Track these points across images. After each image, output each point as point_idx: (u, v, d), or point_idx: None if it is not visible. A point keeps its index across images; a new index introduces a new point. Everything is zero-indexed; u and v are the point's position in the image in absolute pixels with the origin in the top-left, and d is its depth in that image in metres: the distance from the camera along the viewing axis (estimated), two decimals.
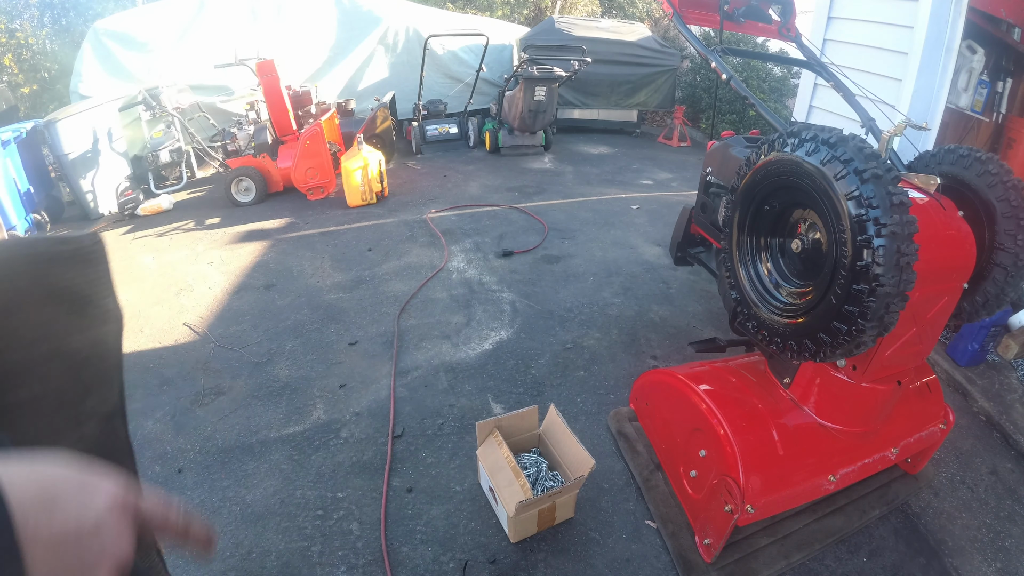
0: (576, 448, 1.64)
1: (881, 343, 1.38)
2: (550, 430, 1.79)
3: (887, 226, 1.10)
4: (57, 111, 4.20)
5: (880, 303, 1.13)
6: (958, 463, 2.04)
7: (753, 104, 1.79)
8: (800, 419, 1.60)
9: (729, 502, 1.42)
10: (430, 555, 1.60)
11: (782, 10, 2.30)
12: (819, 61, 2.16)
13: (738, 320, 1.63)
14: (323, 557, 1.58)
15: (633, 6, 10.17)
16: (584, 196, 4.67)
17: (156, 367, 2.42)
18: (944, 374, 2.50)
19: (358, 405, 2.15)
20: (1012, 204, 1.44)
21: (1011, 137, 3.50)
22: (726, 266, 1.59)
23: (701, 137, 7.12)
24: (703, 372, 1.78)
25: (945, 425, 1.75)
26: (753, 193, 1.46)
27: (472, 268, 3.30)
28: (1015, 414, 2.24)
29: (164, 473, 1.87)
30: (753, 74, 6.93)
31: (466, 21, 6.75)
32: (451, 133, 5.81)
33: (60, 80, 6.06)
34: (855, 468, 1.58)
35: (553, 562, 1.59)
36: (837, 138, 1.21)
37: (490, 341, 2.58)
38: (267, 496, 1.77)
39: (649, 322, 2.80)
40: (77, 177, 4.14)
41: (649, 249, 3.66)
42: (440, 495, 1.79)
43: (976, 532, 1.77)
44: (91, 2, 6.70)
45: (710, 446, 1.56)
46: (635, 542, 1.67)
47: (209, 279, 3.18)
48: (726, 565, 1.55)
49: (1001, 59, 3.48)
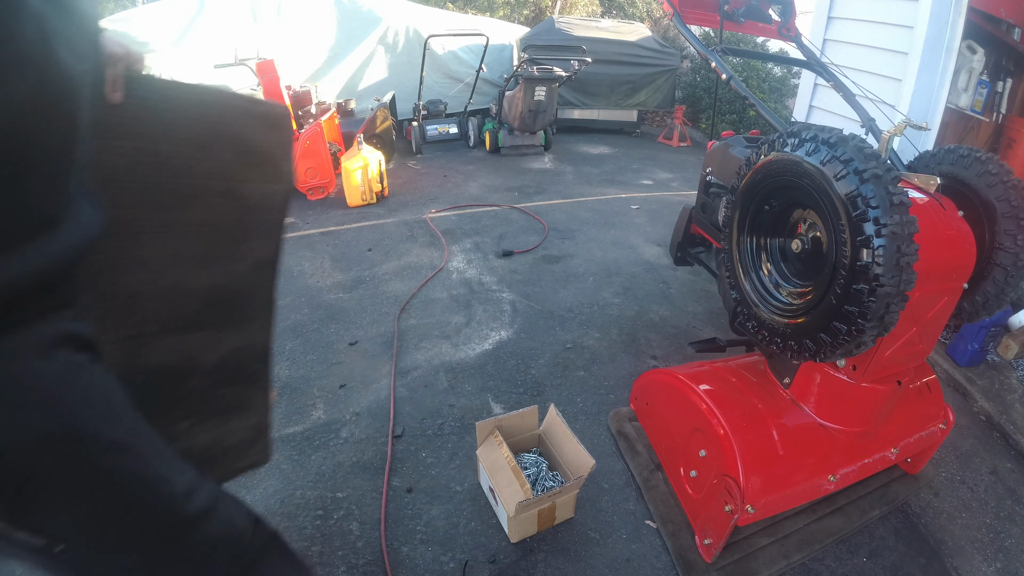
0: (576, 448, 1.64)
1: (881, 343, 1.38)
2: (550, 430, 1.79)
3: (887, 226, 1.10)
4: None
5: (880, 303, 1.13)
6: (958, 463, 2.04)
7: (753, 104, 1.79)
8: (800, 419, 1.60)
9: (729, 502, 1.42)
10: (430, 555, 1.60)
11: (782, 10, 2.30)
12: (819, 61, 2.17)
13: (738, 320, 1.63)
14: (323, 557, 1.58)
15: (633, 6, 10.18)
16: (584, 196, 4.67)
17: None
18: (944, 374, 2.50)
19: (358, 405, 2.15)
20: (1012, 204, 1.44)
21: (1011, 137, 3.50)
22: (726, 266, 1.59)
23: (701, 137, 7.12)
24: (703, 372, 1.78)
25: (945, 425, 1.75)
26: (753, 193, 1.47)
27: (472, 268, 3.30)
28: (1015, 414, 2.24)
29: None
30: (753, 74, 6.93)
31: (466, 21, 6.75)
32: (451, 133, 5.80)
33: None
34: (855, 468, 1.58)
35: (553, 562, 1.59)
36: (837, 138, 1.21)
37: (490, 341, 2.58)
38: (267, 496, 1.77)
39: (649, 322, 2.80)
40: None
41: (649, 249, 3.67)
42: (440, 495, 1.79)
43: (976, 532, 1.77)
44: None
45: (710, 446, 1.56)
46: (635, 542, 1.67)
47: None
48: (726, 565, 1.55)
49: (1001, 59, 3.48)
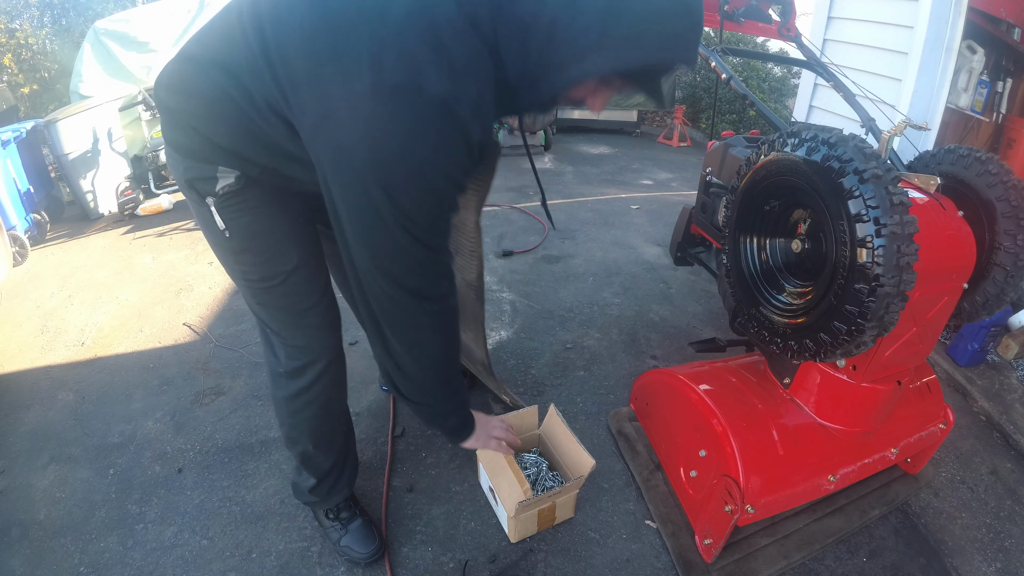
0: (576, 448, 1.64)
1: (881, 343, 1.38)
2: (550, 430, 1.79)
3: (887, 226, 1.10)
4: (57, 111, 4.20)
5: (880, 303, 1.13)
6: (958, 463, 2.04)
7: (753, 104, 1.79)
8: (800, 419, 1.60)
9: (729, 502, 1.42)
10: (430, 555, 1.60)
11: (782, 10, 2.30)
12: (819, 61, 2.16)
13: (738, 320, 1.63)
14: (323, 557, 1.58)
15: None
16: (584, 196, 4.67)
17: (156, 367, 2.42)
18: (944, 374, 2.50)
19: (358, 405, 2.15)
20: (1012, 204, 1.44)
21: (1011, 137, 3.50)
22: (726, 267, 1.59)
23: (701, 137, 7.13)
24: (703, 372, 1.78)
25: (945, 425, 1.75)
26: (753, 193, 1.47)
27: None
28: (1015, 414, 2.24)
29: (164, 473, 1.87)
30: (753, 74, 6.93)
31: None
32: None
33: (60, 80, 6.06)
34: (855, 468, 1.58)
35: (553, 562, 1.59)
36: (837, 138, 1.21)
37: (490, 341, 2.58)
38: (267, 496, 1.77)
39: (649, 322, 2.80)
40: (77, 177, 4.14)
41: (649, 249, 3.66)
42: (440, 495, 1.79)
43: (976, 532, 1.77)
44: (91, 2, 6.69)
45: (710, 446, 1.56)
46: (635, 542, 1.67)
47: (209, 279, 3.18)
48: (726, 565, 1.55)
49: (1001, 59, 3.48)
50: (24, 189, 3.87)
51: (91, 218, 4.29)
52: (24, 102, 6.01)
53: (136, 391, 2.27)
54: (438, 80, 0.76)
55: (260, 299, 1.25)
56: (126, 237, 3.89)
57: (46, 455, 1.96)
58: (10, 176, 3.72)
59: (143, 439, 2.01)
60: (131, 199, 4.27)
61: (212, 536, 1.65)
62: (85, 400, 2.23)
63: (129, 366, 2.43)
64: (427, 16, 0.76)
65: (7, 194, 3.64)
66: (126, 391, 2.27)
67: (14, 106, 5.37)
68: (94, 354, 2.52)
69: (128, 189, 4.41)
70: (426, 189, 0.85)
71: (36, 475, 1.88)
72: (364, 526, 1.57)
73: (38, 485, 1.84)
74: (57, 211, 4.33)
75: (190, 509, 1.73)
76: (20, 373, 2.41)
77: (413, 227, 0.88)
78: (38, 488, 1.83)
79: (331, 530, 1.57)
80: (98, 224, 4.21)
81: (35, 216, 3.89)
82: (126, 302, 2.97)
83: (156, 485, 1.82)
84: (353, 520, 1.57)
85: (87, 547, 1.62)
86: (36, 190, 4.04)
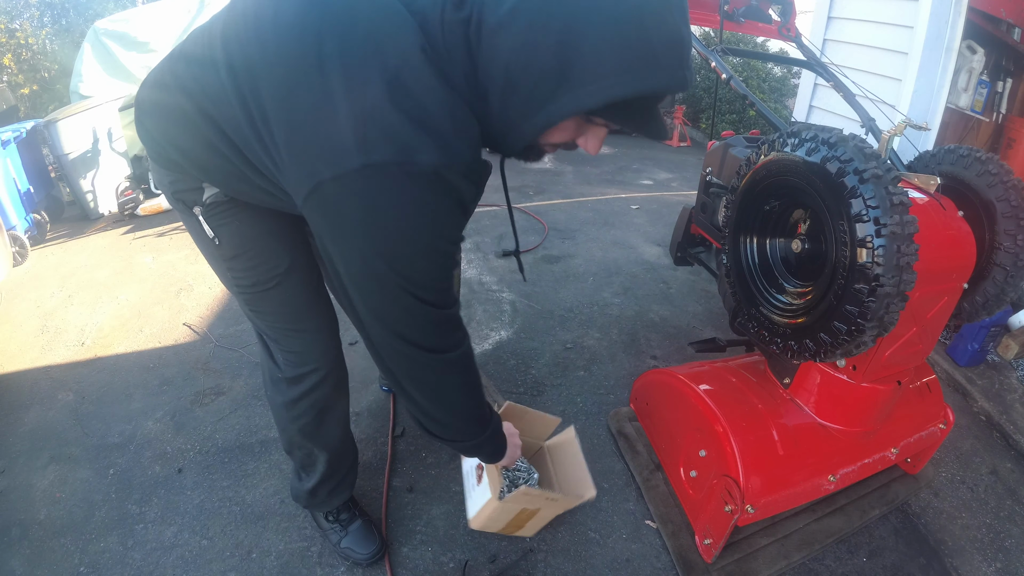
0: (583, 473, 1.52)
1: (881, 343, 1.38)
2: (560, 448, 1.66)
3: (887, 226, 1.10)
4: (57, 111, 4.20)
5: (880, 303, 1.13)
6: (958, 463, 2.04)
7: (753, 104, 1.78)
8: (800, 419, 1.60)
9: (729, 502, 1.42)
10: (430, 555, 1.60)
11: (782, 10, 2.30)
12: (819, 61, 2.16)
13: (738, 320, 1.63)
14: (323, 557, 1.58)
15: None
16: (584, 196, 4.66)
17: (156, 367, 2.42)
18: (944, 374, 2.50)
19: (358, 405, 2.15)
20: (1012, 204, 1.44)
21: (1011, 137, 3.50)
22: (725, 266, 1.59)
23: (701, 137, 7.12)
24: (703, 372, 1.78)
25: (945, 425, 1.75)
26: (753, 193, 1.47)
27: (472, 268, 3.30)
28: (1015, 414, 2.24)
29: (164, 473, 1.87)
30: (753, 74, 6.92)
31: None
32: None
33: (60, 80, 6.06)
34: (855, 468, 1.58)
35: (553, 562, 1.59)
36: (837, 138, 1.21)
37: (490, 341, 2.58)
38: (267, 496, 1.77)
39: (649, 322, 2.80)
40: (77, 177, 4.14)
41: (649, 249, 3.66)
42: (440, 495, 1.79)
43: (976, 532, 1.77)
44: (91, 2, 6.69)
45: (710, 446, 1.56)
46: (635, 542, 1.67)
47: (209, 279, 3.18)
48: (726, 565, 1.55)
49: (1001, 59, 3.48)
50: (24, 189, 3.87)
51: (91, 218, 4.29)
52: (24, 102, 6.01)
53: (136, 391, 2.27)
54: (427, 151, 0.74)
55: (255, 306, 1.24)
56: (126, 237, 3.89)
57: (46, 455, 1.96)
58: (10, 176, 3.72)
59: (143, 439, 2.01)
60: (131, 199, 4.27)
61: (212, 536, 1.65)
62: (85, 400, 2.23)
63: (129, 366, 2.43)
64: (401, 83, 0.73)
65: (7, 194, 3.64)
66: (126, 391, 2.27)
67: (14, 106, 5.37)
68: (94, 354, 2.52)
69: (128, 189, 4.41)
70: (426, 255, 0.85)
71: (36, 475, 1.88)
72: (364, 527, 1.57)
73: (38, 485, 1.84)
74: (57, 211, 4.33)
75: (190, 509, 1.73)
76: (20, 373, 2.41)
77: (418, 291, 0.88)
78: (38, 488, 1.83)
79: (331, 532, 1.57)
80: (98, 224, 4.21)
81: (35, 216, 3.89)
82: (126, 302, 2.97)
83: (156, 485, 1.82)
84: (353, 521, 1.57)
85: (87, 547, 1.62)
86: (36, 190, 4.04)
